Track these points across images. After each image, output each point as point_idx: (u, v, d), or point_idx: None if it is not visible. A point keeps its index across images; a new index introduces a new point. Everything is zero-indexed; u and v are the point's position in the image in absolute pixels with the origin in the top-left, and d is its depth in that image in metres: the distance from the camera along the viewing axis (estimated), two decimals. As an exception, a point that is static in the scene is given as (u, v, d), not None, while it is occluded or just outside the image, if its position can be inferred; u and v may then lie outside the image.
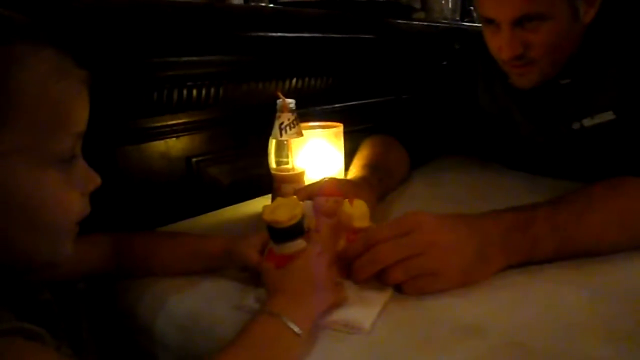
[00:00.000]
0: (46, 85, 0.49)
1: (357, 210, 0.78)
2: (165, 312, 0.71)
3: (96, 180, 0.56)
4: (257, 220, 0.76)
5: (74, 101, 0.52)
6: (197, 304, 0.72)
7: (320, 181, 0.90)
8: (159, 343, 0.70)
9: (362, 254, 0.69)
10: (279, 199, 0.72)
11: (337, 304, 0.65)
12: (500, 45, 1.01)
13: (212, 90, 1.17)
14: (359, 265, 0.69)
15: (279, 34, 1.23)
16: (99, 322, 0.80)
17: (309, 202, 0.80)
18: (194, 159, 1.19)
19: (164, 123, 1.13)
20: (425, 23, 1.73)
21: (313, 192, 0.82)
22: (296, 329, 0.57)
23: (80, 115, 0.53)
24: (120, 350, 0.77)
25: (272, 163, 0.96)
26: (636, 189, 0.82)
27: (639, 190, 0.82)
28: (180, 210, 1.09)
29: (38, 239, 0.51)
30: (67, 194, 0.52)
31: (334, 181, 0.88)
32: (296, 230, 0.69)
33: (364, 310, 0.65)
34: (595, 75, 1.03)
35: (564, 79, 1.05)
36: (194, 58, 1.12)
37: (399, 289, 0.70)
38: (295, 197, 0.75)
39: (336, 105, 1.47)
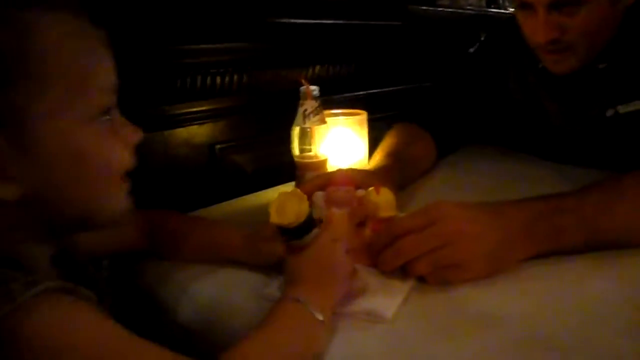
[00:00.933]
0: (66, 45, 0.50)
1: (383, 199, 0.77)
2: (188, 298, 0.71)
3: (138, 133, 0.57)
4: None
5: (96, 57, 0.53)
6: (219, 291, 0.71)
7: (333, 171, 0.89)
8: (180, 327, 0.70)
9: (386, 246, 0.69)
10: (283, 195, 0.70)
11: (353, 292, 0.65)
12: (535, 29, 0.98)
13: (235, 77, 1.17)
14: (384, 258, 0.69)
15: (302, 21, 1.22)
16: (121, 300, 0.80)
17: (320, 193, 0.80)
18: (217, 146, 1.19)
19: (187, 110, 1.13)
20: (450, 9, 1.70)
21: (324, 182, 0.81)
22: (320, 316, 0.57)
23: (104, 70, 0.54)
24: (141, 327, 0.78)
25: (296, 150, 0.95)
26: None
27: None
28: (203, 197, 1.09)
29: (92, 191, 0.54)
30: (111, 145, 0.54)
31: (344, 171, 0.86)
32: (307, 225, 0.68)
33: (386, 299, 0.64)
34: (633, 60, 1.00)
35: (601, 63, 1.02)
36: (217, 45, 1.12)
37: (422, 278, 0.69)
38: (298, 190, 0.72)
39: (360, 93, 1.46)
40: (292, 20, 1.20)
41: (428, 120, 1.20)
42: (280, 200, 0.68)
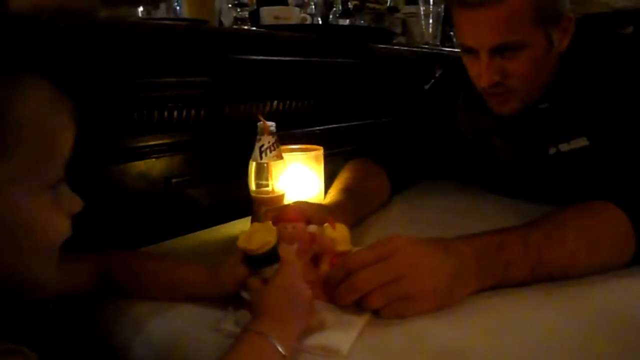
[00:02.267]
0: (44, 117, 0.51)
1: (339, 234, 0.78)
2: (143, 336, 0.71)
3: (79, 203, 0.58)
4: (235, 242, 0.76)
5: (66, 131, 0.54)
6: (175, 327, 0.71)
7: (283, 205, 0.91)
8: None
9: (342, 281, 0.70)
10: (255, 225, 0.73)
11: (310, 327, 0.65)
12: (479, 73, 1.02)
13: (193, 111, 1.18)
14: (339, 292, 0.70)
15: (261, 57, 1.24)
16: (73, 342, 0.79)
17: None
18: (173, 180, 1.19)
19: (145, 143, 1.13)
20: (406, 47, 1.75)
21: (275, 217, 0.82)
22: (283, 350, 0.58)
23: (69, 143, 0.55)
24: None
25: (252, 185, 0.96)
26: (605, 212, 0.84)
27: (608, 213, 0.83)
28: (159, 231, 1.08)
29: (26, 261, 0.53)
30: (55, 217, 0.54)
31: (295, 206, 0.88)
32: (271, 256, 0.70)
33: (341, 334, 0.65)
34: (571, 101, 1.05)
35: (542, 104, 1.08)
36: (176, 79, 1.13)
37: (376, 312, 0.70)
38: (270, 222, 0.75)
39: (317, 128, 1.49)
40: (251, 57, 1.22)
41: (382, 156, 1.23)
42: (252, 228, 0.71)
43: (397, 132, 1.32)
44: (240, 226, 1.03)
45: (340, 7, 1.81)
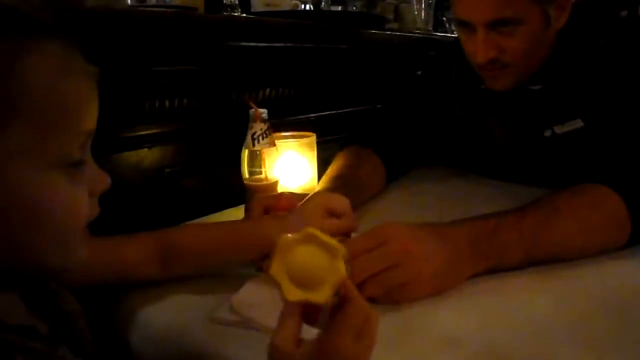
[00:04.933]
0: (53, 81, 0.46)
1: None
2: (140, 324, 0.71)
3: (106, 181, 0.53)
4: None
5: (83, 98, 0.49)
6: (171, 315, 0.71)
7: (276, 194, 0.90)
8: (135, 355, 0.69)
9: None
10: (288, 241, 0.47)
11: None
12: (475, 48, 1.02)
13: (185, 100, 1.17)
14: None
15: (252, 44, 1.23)
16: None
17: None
18: (166, 170, 1.18)
19: (137, 134, 1.12)
20: (398, 33, 1.75)
21: (267, 206, 0.82)
22: None
23: (89, 114, 0.49)
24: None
25: (245, 173, 0.96)
26: (599, 195, 0.84)
27: (602, 196, 0.84)
28: (153, 220, 1.07)
29: (47, 243, 0.48)
30: (76, 195, 0.49)
31: (286, 195, 0.87)
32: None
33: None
34: (565, 82, 1.04)
35: (535, 85, 1.07)
36: (167, 68, 1.11)
37: (372, 300, 0.70)
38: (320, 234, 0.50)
39: (310, 115, 1.47)
40: (241, 44, 1.21)
41: (376, 142, 1.22)
42: (293, 256, 0.45)
43: (390, 117, 1.32)
44: (235, 214, 1.02)
45: (332, -6, 1.80)
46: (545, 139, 1.10)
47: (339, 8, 1.79)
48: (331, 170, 1.10)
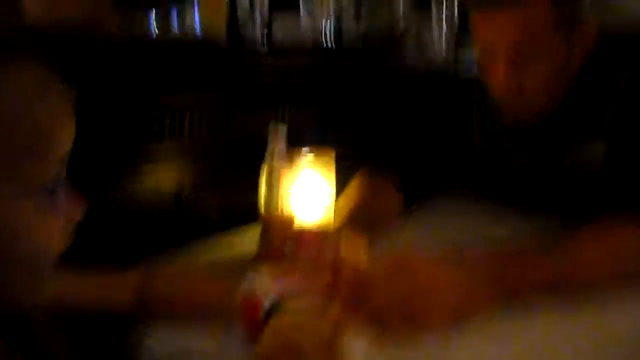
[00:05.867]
0: (28, 103, 0.43)
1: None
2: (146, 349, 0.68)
3: (78, 210, 0.48)
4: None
5: (59, 122, 0.46)
6: (178, 343, 0.69)
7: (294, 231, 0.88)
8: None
9: (352, 293, 0.68)
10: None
11: None
12: (496, 80, 1.00)
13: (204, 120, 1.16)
14: (349, 305, 0.67)
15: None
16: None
17: None
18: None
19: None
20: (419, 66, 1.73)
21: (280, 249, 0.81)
22: None
23: (64, 138, 0.46)
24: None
25: (261, 205, 0.93)
26: (625, 227, 0.82)
27: (626, 230, 0.82)
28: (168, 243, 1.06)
29: (14, 277, 0.45)
30: (47, 226, 0.45)
31: (307, 233, 0.86)
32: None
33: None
34: (587, 109, 1.02)
35: (557, 112, 1.05)
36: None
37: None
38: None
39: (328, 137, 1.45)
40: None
41: (393, 168, 1.20)
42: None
43: (409, 142, 1.30)
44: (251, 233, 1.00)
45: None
46: (565, 168, 1.07)
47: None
48: (348, 203, 1.07)
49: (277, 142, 0.92)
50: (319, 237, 0.83)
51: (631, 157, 0.97)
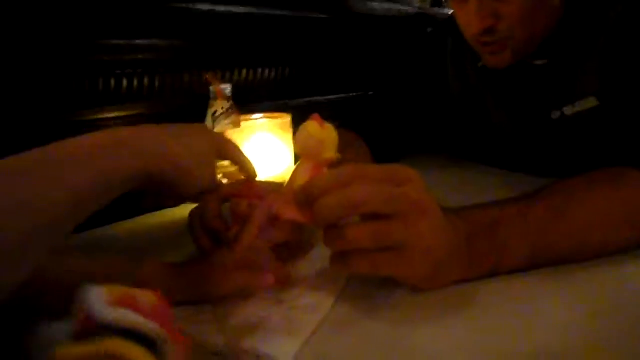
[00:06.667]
0: None
1: (328, 136, 0.59)
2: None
3: None
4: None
5: None
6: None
7: (238, 181, 0.74)
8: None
9: (331, 190, 0.52)
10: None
11: (251, 323, 0.51)
12: (469, 18, 0.89)
13: (146, 80, 1.04)
14: (325, 204, 0.52)
15: (225, 9, 1.09)
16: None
17: (226, 205, 0.67)
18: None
19: (94, 117, 0.99)
20: (388, 6, 1.60)
21: (227, 194, 0.68)
22: None
23: None
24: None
25: (206, 160, 0.82)
26: (624, 179, 0.69)
27: (628, 181, 0.69)
28: (114, 211, 0.96)
29: None
30: None
31: (251, 182, 0.70)
32: None
33: (285, 339, 0.51)
34: (576, 55, 0.91)
35: (540, 59, 0.94)
36: (123, 41, 0.98)
37: (338, 311, 0.56)
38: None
39: (291, 101, 1.34)
40: (215, 8, 1.07)
41: (363, 127, 1.09)
42: None
43: (380, 99, 1.19)
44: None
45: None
46: (553, 122, 0.96)
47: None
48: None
49: (219, 104, 0.81)
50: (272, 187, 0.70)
51: (628, 106, 0.85)
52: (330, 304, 0.57)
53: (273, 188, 0.70)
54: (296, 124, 0.94)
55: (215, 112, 0.81)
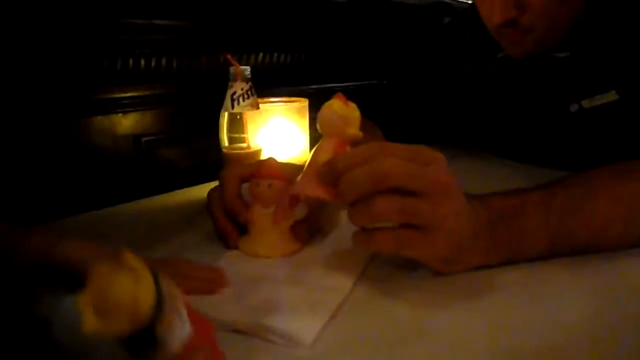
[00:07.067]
0: None
1: (352, 113, 0.59)
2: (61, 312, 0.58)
3: None
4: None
5: None
6: None
7: (259, 160, 0.74)
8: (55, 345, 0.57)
9: (358, 165, 0.52)
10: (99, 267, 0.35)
11: (272, 303, 0.50)
12: (491, 7, 0.88)
13: (164, 60, 1.04)
14: (352, 178, 0.52)
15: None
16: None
17: (246, 185, 0.67)
18: (143, 139, 1.05)
19: (110, 96, 1.00)
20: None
21: (245, 175, 0.68)
22: None
23: None
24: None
25: (224, 140, 0.82)
26: None
27: None
28: (128, 192, 0.96)
29: None
30: None
31: (269, 161, 0.69)
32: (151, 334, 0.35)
33: (307, 318, 0.51)
34: (598, 49, 0.90)
35: (561, 52, 0.93)
36: (145, 21, 0.98)
37: (359, 295, 0.56)
38: (131, 257, 0.36)
39: (309, 87, 1.34)
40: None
41: (379, 115, 1.09)
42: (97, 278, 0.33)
43: (397, 90, 1.19)
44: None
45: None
46: (571, 115, 0.96)
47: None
48: None
49: (239, 85, 0.81)
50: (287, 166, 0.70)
51: None
52: (350, 286, 0.57)
53: (293, 168, 0.69)
54: (312, 110, 0.94)
55: (234, 93, 0.81)
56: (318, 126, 0.60)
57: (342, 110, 0.58)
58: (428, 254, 0.56)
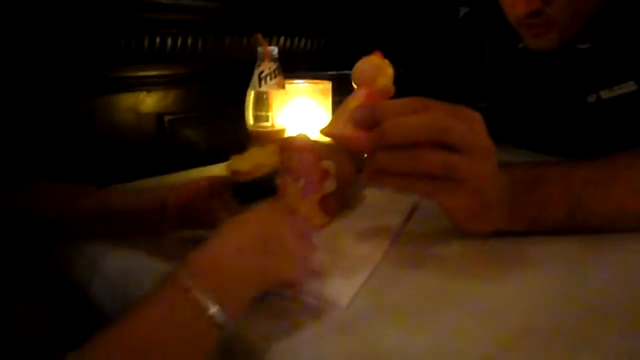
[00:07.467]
0: None
1: (386, 66, 0.60)
2: (100, 273, 0.60)
3: None
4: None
5: None
6: (132, 263, 0.60)
7: (293, 135, 0.76)
8: (95, 306, 0.59)
9: (404, 114, 0.52)
10: (253, 150, 0.59)
11: (296, 281, 0.51)
12: (515, 0, 0.88)
13: (190, 40, 1.05)
14: (395, 124, 0.52)
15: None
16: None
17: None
18: (166, 117, 1.07)
19: (134, 74, 1.02)
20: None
21: (278, 147, 0.69)
22: (213, 308, 0.40)
23: None
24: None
25: (250, 119, 0.84)
26: None
27: None
28: (150, 169, 0.98)
29: None
30: None
31: (304, 136, 0.70)
32: (264, 186, 0.55)
33: (342, 282, 0.53)
34: (620, 40, 0.91)
35: (583, 43, 0.94)
36: (170, 1, 1.00)
37: (390, 265, 0.58)
38: (272, 145, 0.60)
39: (329, 73, 1.35)
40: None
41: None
42: (249, 152, 0.56)
43: (415, 79, 1.20)
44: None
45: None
46: (588, 105, 0.97)
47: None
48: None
49: (266, 65, 0.82)
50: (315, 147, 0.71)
51: None
52: (380, 256, 0.59)
53: (323, 146, 0.71)
54: (333, 94, 0.96)
55: (262, 72, 0.83)
56: (352, 77, 0.61)
57: (377, 60, 0.60)
58: (459, 206, 0.59)
